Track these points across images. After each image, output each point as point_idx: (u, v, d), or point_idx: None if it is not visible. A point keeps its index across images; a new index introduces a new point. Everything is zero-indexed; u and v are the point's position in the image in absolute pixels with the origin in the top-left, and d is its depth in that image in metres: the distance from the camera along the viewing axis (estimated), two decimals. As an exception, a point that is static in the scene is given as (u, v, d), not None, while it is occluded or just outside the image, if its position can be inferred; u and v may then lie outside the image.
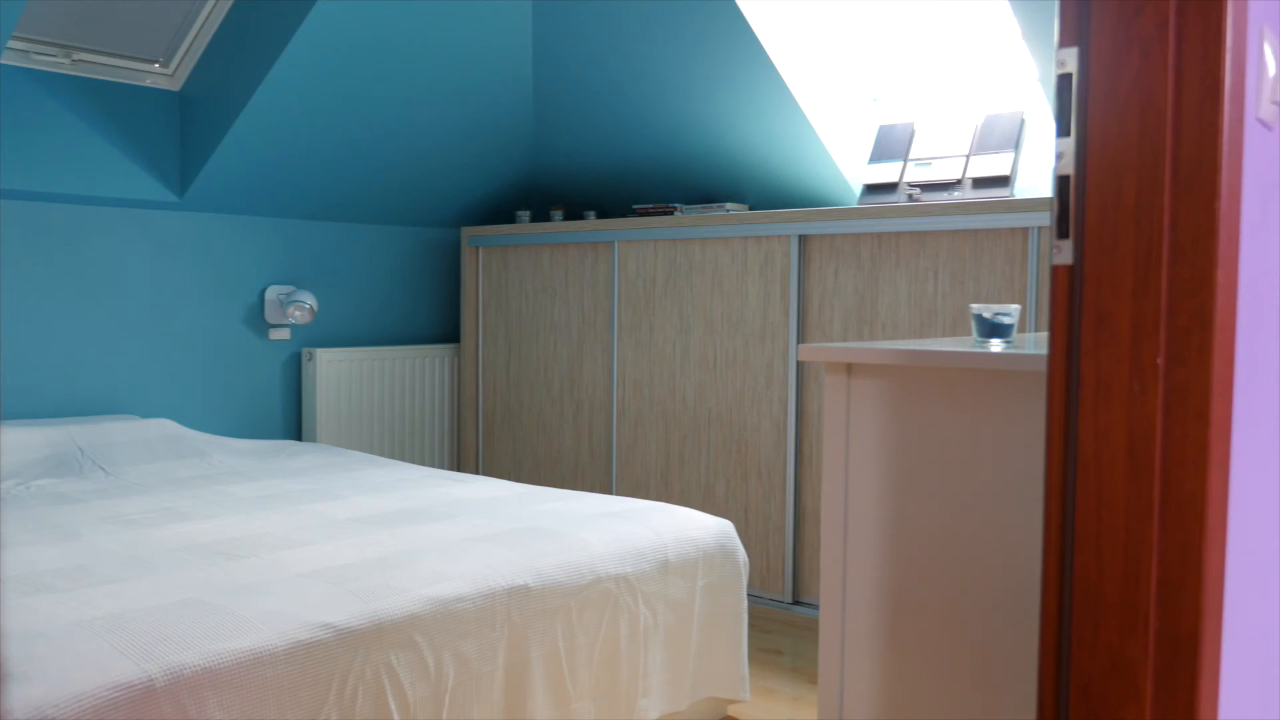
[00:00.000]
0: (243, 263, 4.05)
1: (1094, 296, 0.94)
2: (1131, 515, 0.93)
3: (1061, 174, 0.96)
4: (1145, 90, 0.91)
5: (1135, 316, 0.92)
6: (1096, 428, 0.95)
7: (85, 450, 3.26)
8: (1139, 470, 0.92)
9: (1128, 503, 0.93)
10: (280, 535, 2.44)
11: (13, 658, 1.65)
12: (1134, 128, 0.91)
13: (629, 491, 4.00)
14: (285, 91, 3.55)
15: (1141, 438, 0.92)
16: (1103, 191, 0.93)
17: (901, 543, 1.59)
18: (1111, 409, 0.94)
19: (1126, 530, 0.93)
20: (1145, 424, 0.92)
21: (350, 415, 4.25)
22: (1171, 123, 0.90)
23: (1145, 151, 0.91)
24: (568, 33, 3.87)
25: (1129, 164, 0.92)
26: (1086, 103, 0.94)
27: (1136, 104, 0.91)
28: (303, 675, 1.85)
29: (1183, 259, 0.90)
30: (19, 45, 3.34)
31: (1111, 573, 0.94)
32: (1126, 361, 0.93)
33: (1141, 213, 0.91)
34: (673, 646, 2.57)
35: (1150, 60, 0.90)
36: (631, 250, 4.00)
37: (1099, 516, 0.95)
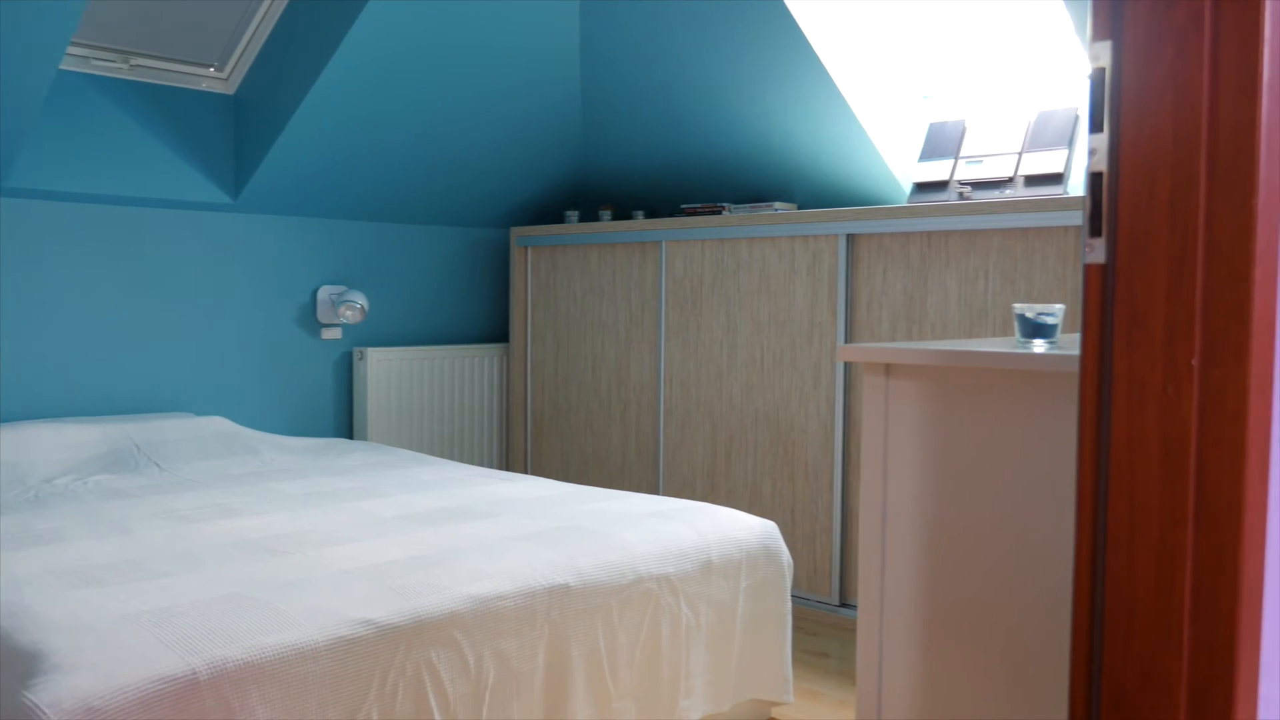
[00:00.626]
0: (295, 263, 4.11)
1: (1127, 296, 0.92)
2: (1165, 521, 0.91)
3: (1094, 170, 0.94)
4: (1180, 84, 0.88)
5: (1169, 316, 0.89)
6: (1129, 430, 0.92)
7: (141, 447, 3.33)
8: (1173, 474, 0.90)
9: (1161, 508, 0.91)
10: (325, 532, 2.47)
11: (61, 649, 1.69)
12: (1168, 122, 0.89)
13: (675, 491, 4.00)
14: (336, 94, 3.59)
15: (1176, 441, 0.90)
16: (1136, 188, 0.91)
17: (940, 543, 1.57)
18: (1145, 411, 0.91)
19: (1160, 536, 0.91)
20: (1180, 427, 0.89)
21: (400, 414, 4.29)
22: (1207, 117, 0.87)
23: (1180, 147, 0.88)
24: (615, 33, 3.88)
25: (1163, 160, 0.89)
26: (1120, 98, 0.92)
27: (1171, 98, 0.89)
28: (344, 670, 1.87)
29: (1219, 257, 0.88)
30: (79, 51, 3.42)
31: (1144, 580, 0.92)
32: (1160, 362, 0.90)
33: (1176, 210, 0.89)
34: (715, 647, 2.56)
35: (1185, 53, 0.88)
36: (679, 250, 4.00)
37: (1131, 521, 0.92)
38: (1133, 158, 0.91)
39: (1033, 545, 1.44)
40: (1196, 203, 0.88)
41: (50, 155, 3.38)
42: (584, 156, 4.53)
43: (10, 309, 3.40)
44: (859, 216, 3.48)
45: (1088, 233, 0.95)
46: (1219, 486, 0.89)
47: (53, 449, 3.19)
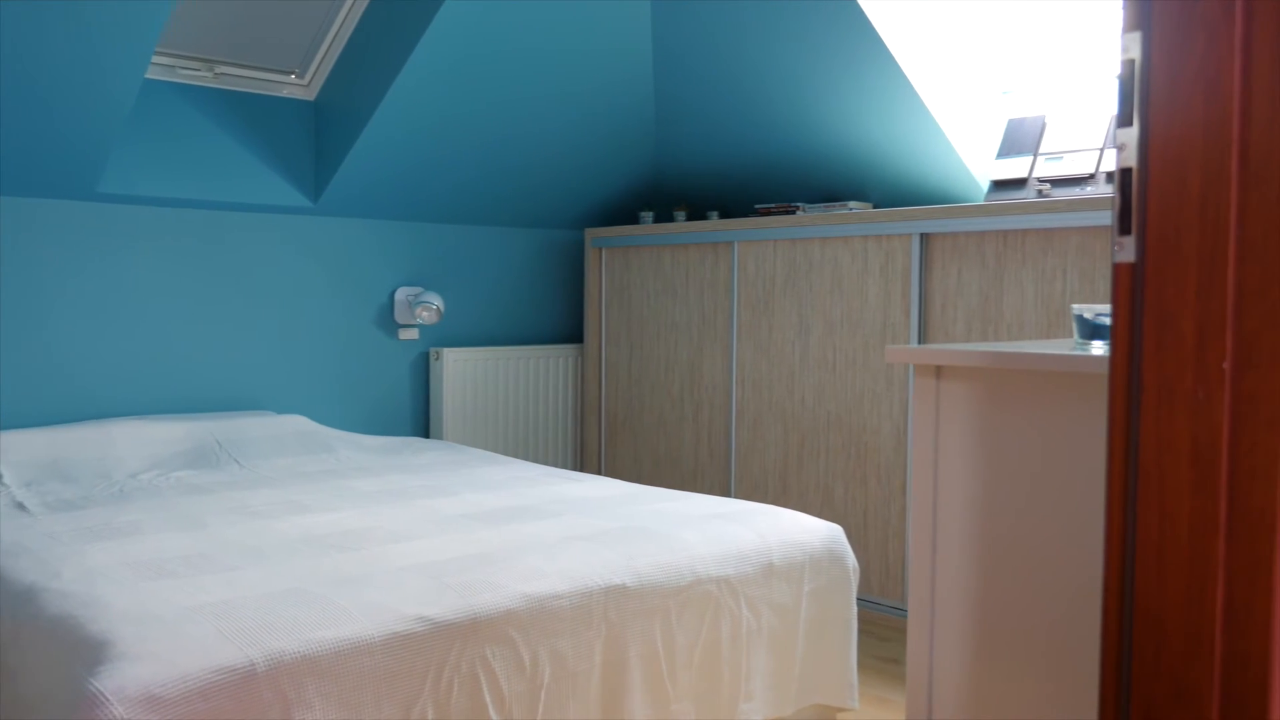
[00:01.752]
0: (374, 265, 4.19)
1: (1156, 296, 0.88)
2: (1195, 531, 0.87)
3: (1123, 166, 0.91)
4: (1211, 76, 0.85)
5: (1200, 318, 0.86)
6: (1159, 437, 0.89)
7: (222, 444, 3.43)
8: (1204, 483, 0.86)
9: (1192, 517, 0.87)
10: (391, 529, 2.52)
11: (128, 639, 1.75)
12: (1198, 116, 0.85)
13: (747, 494, 3.97)
14: (412, 98, 3.65)
15: (1206, 448, 0.86)
16: (1165, 184, 0.87)
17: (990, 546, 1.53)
18: (1175, 417, 0.88)
19: (1190, 547, 0.87)
20: (1210, 433, 0.86)
21: (476, 414, 4.35)
22: (1239, 110, 0.84)
23: (1210, 141, 0.85)
24: (687, 32, 3.87)
25: (1193, 154, 0.86)
26: (1149, 91, 0.88)
27: (1201, 90, 0.85)
28: (399, 665, 1.90)
29: (1251, 256, 0.84)
30: (165, 60, 3.54)
31: (1174, 592, 0.88)
32: (1191, 366, 0.87)
33: (1206, 207, 0.85)
34: (777, 651, 2.53)
35: (1216, 43, 0.84)
36: (751, 250, 3.97)
37: (1161, 531, 0.89)
38: (1162, 153, 0.88)
39: (1083, 548, 1.40)
40: (1228, 199, 0.84)
41: (140, 162, 3.51)
42: (658, 157, 4.53)
43: (102, 310, 3.54)
44: (933, 215, 3.42)
45: (1117, 231, 0.92)
46: (1252, 496, 0.85)
47: (140, 445, 3.30)
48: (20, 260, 3.37)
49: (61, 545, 2.33)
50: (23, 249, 3.38)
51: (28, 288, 3.39)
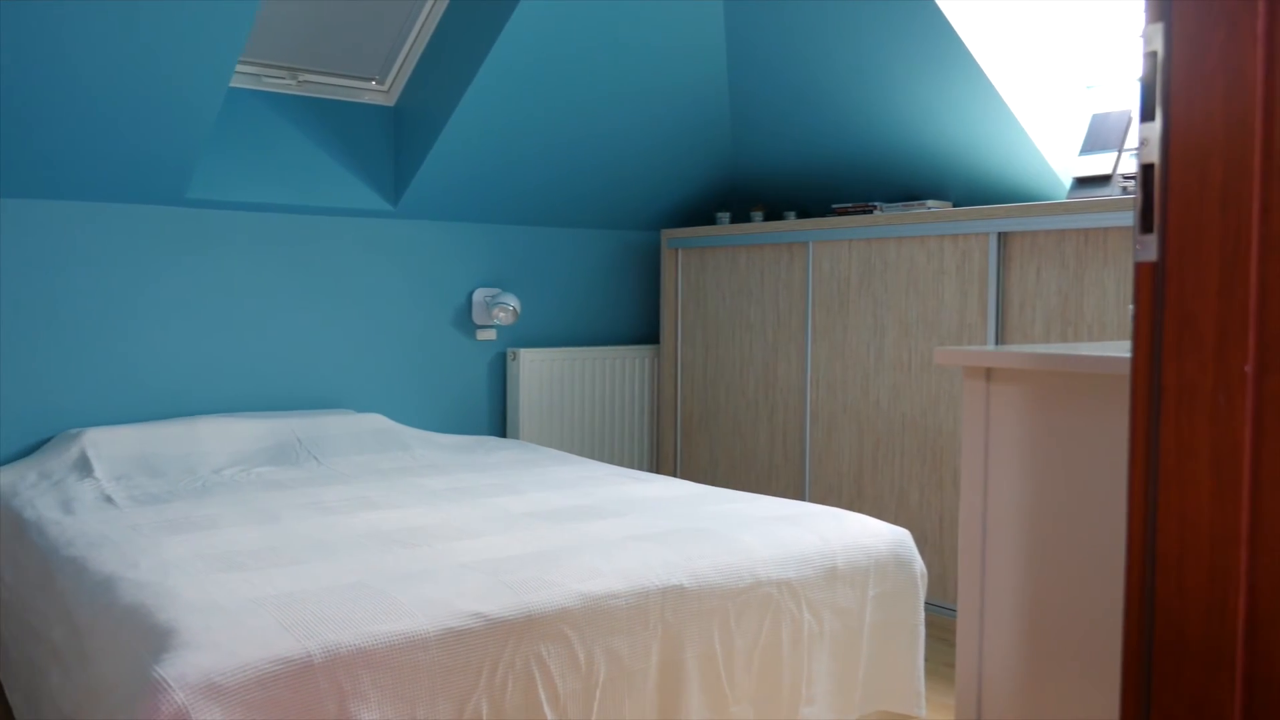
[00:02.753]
0: (452, 266, 4.26)
1: (1177, 296, 0.85)
2: (1216, 540, 0.84)
3: (1145, 162, 0.88)
4: (1232, 66, 0.81)
5: (1221, 318, 0.83)
6: (1179, 442, 0.86)
7: (303, 441, 3.53)
8: (1225, 490, 0.83)
9: (1212, 527, 0.84)
10: (456, 526, 2.55)
11: (192, 628, 1.81)
12: (1219, 108, 0.82)
13: (821, 496, 3.93)
14: (487, 101, 3.70)
15: (1228, 454, 0.83)
16: (1186, 180, 0.84)
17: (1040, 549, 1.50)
18: (1195, 421, 0.84)
19: (1211, 557, 0.84)
20: (1232, 438, 0.82)
21: (552, 414, 4.39)
22: (1262, 101, 0.80)
23: (1232, 133, 0.82)
24: (760, 30, 3.85)
25: (1214, 148, 0.83)
26: (1170, 84, 0.85)
27: (1222, 81, 0.82)
28: (453, 660, 1.92)
29: (1275, 253, 0.80)
30: (251, 69, 3.65)
31: (1194, 604, 0.85)
32: (1212, 368, 0.83)
33: (1228, 203, 0.82)
34: (840, 656, 2.50)
35: (1237, 33, 0.81)
36: (826, 250, 3.93)
37: (1181, 541, 0.86)
38: (1183, 147, 0.85)
39: (1133, 562, 1.36)
40: (1250, 194, 0.81)
41: (226, 168, 3.63)
42: (734, 157, 4.52)
43: (190, 311, 3.66)
44: (1011, 214, 3.34)
45: (1138, 229, 0.89)
46: (1274, 504, 0.81)
47: (224, 442, 3.41)
48: (114, 264, 3.52)
49: (142, 537, 2.42)
50: (116, 253, 3.52)
51: (121, 290, 3.53)
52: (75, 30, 2.83)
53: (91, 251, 3.48)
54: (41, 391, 3.41)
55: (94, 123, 3.14)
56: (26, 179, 3.28)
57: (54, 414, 3.43)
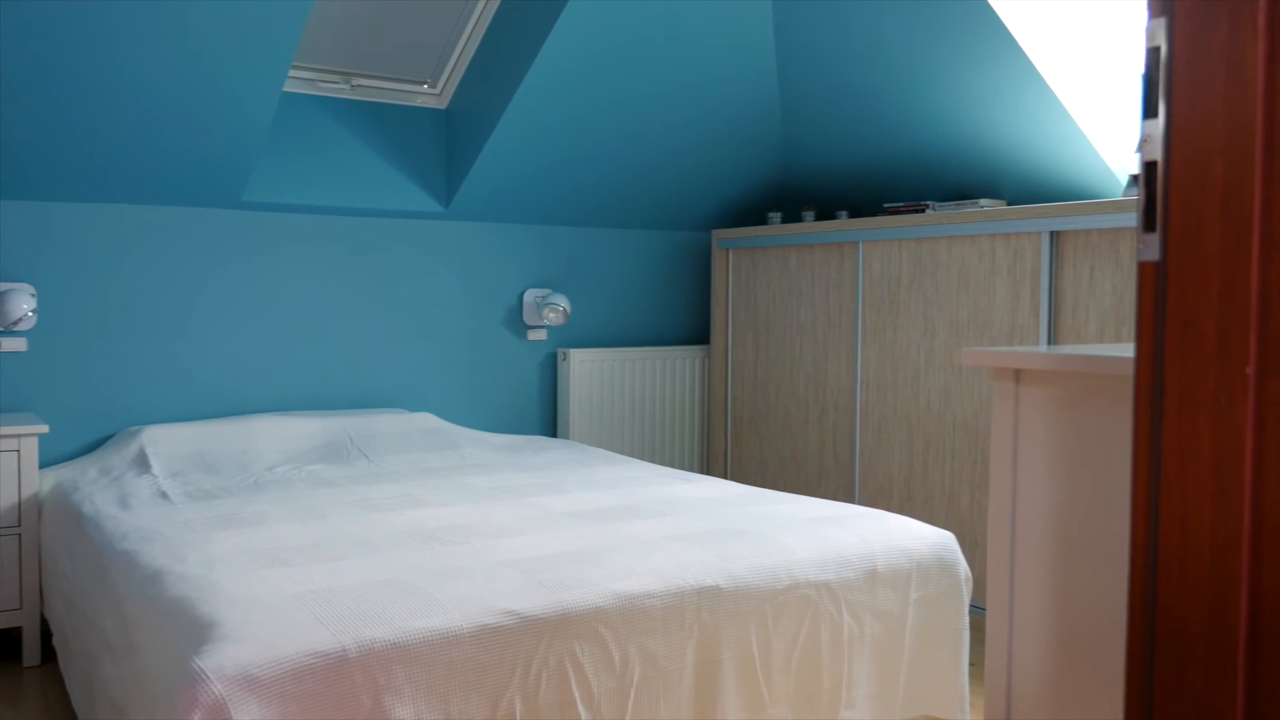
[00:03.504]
0: (503, 267, 4.30)
1: (1178, 297, 0.84)
2: (1218, 544, 0.82)
3: (1148, 160, 0.87)
4: (1233, 60, 0.80)
5: (1222, 319, 0.81)
6: (1181, 444, 0.84)
7: (354, 440, 3.59)
8: (1226, 493, 0.81)
9: (1214, 531, 0.82)
10: (497, 525, 2.58)
11: (232, 621, 1.86)
12: (1220, 103, 0.80)
13: (871, 498, 3.90)
14: (536, 102, 3.73)
15: (1229, 457, 0.81)
16: (1187, 177, 0.83)
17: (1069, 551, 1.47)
18: (1197, 423, 0.83)
19: (1212, 562, 0.82)
20: (1234, 441, 0.81)
21: (602, 414, 4.40)
22: (1263, 96, 0.78)
23: (1233, 130, 0.80)
24: (808, 27, 3.83)
25: (1215, 144, 0.81)
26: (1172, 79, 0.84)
27: (1223, 77, 0.80)
28: (487, 657, 1.94)
29: (1276, 254, 0.79)
30: (306, 74, 3.72)
31: (1196, 609, 0.83)
32: (1214, 370, 0.82)
33: (1229, 200, 0.80)
34: (881, 659, 2.48)
35: (1238, 26, 0.79)
36: (876, 250, 3.90)
37: (1183, 545, 0.84)
38: (1185, 144, 0.83)
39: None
40: (1251, 193, 0.79)
41: (282, 171, 3.70)
42: (785, 156, 4.50)
43: (246, 312, 3.75)
44: (1064, 212, 3.28)
45: (1141, 227, 0.87)
46: (1276, 509, 0.79)
47: (278, 440, 3.49)
48: (171, 265, 3.61)
49: (193, 532, 2.48)
50: (174, 255, 3.61)
51: (179, 291, 3.62)
52: (129, 39, 2.92)
53: (151, 254, 3.58)
54: (103, 390, 3.51)
55: (150, 129, 3.23)
56: (89, 184, 3.38)
57: (115, 412, 3.53)
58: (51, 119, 3.10)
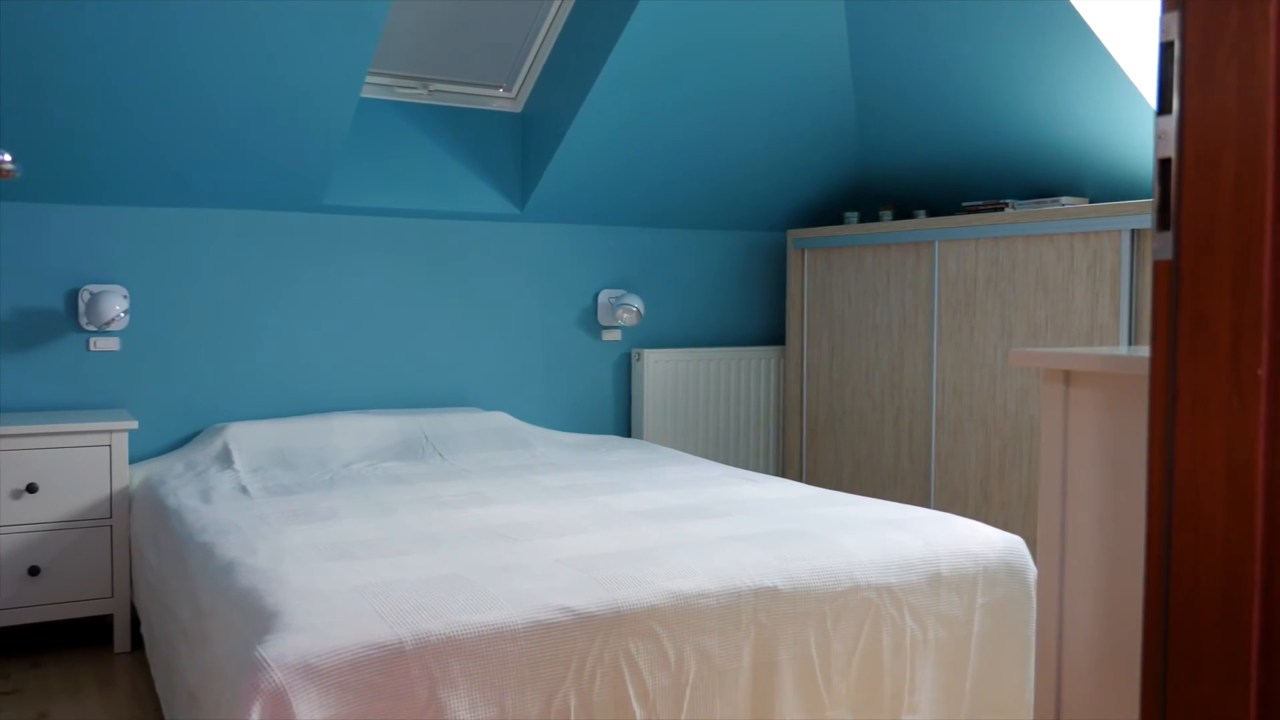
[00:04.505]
0: (578, 268, 4.34)
1: (1191, 296, 0.82)
2: (1231, 550, 0.80)
3: (1162, 157, 0.85)
4: (1245, 53, 0.78)
5: (1235, 319, 0.79)
6: (1194, 447, 0.82)
7: (429, 438, 3.66)
8: (1239, 498, 0.79)
9: (1227, 536, 0.80)
10: (560, 523, 2.61)
11: (295, 612, 1.92)
12: (1232, 98, 0.78)
13: (947, 501, 3.84)
14: (608, 103, 3.76)
15: (1241, 461, 0.79)
16: (1199, 174, 0.81)
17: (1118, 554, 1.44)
18: (1209, 426, 0.81)
19: (1225, 567, 0.80)
20: (1246, 445, 0.79)
21: (676, 414, 4.42)
22: (1275, 91, 0.76)
23: (1245, 125, 0.78)
24: (881, 23, 3.78)
25: (1227, 140, 0.79)
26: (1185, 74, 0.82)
27: (1235, 69, 0.78)
28: (541, 653, 1.97)
29: (1291, 251, 0.76)
30: (384, 80, 3.81)
31: (1209, 616, 0.81)
32: (1226, 371, 0.80)
33: (1242, 197, 0.78)
34: (945, 664, 2.45)
35: (1250, 18, 0.77)
36: (952, 250, 3.83)
37: (1196, 550, 0.82)
38: (1197, 140, 0.81)
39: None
40: (1264, 189, 0.77)
41: (361, 175, 3.80)
42: (862, 154, 4.45)
43: (326, 313, 3.85)
44: (1144, 210, 3.19)
45: (1155, 226, 0.85)
46: (1291, 515, 0.77)
47: (355, 437, 3.58)
48: (255, 267, 3.73)
49: (267, 526, 2.56)
50: (257, 257, 3.74)
51: (262, 292, 3.75)
52: (210, 51, 3.02)
53: (236, 256, 3.71)
54: (191, 388, 3.65)
55: (233, 137, 3.35)
56: (177, 190, 3.52)
57: (202, 409, 3.66)
58: (140, 128, 3.23)
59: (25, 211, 3.42)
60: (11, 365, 3.42)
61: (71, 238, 3.48)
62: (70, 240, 3.47)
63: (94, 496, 3.14)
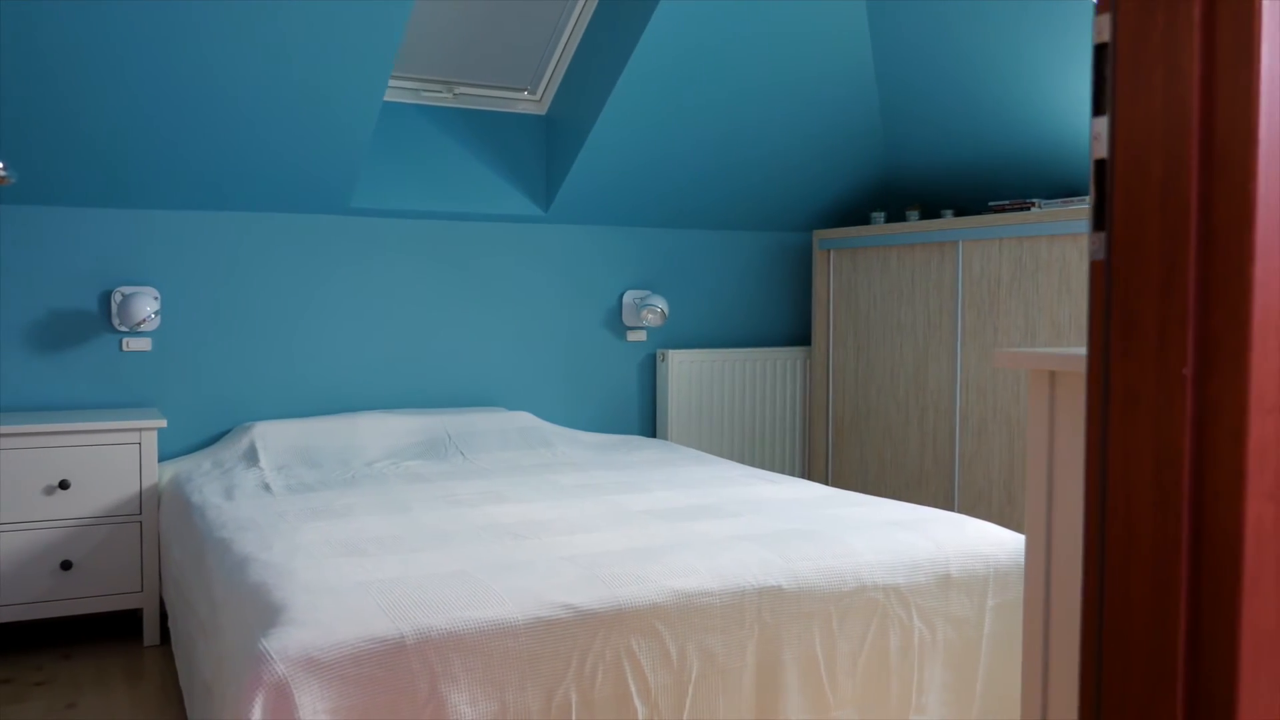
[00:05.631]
0: (603, 269, 4.37)
1: (1122, 295, 0.82)
2: (1159, 551, 0.80)
3: (1097, 158, 0.85)
4: (1170, 55, 0.78)
5: (1162, 319, 0.79)
6: (1125, 447, 0.82)
7: (452, 437, 3.70)
8: (1166, 498, 0.80)
9: (1155, 539, 0.81)
10: (571, 521, 2.64)
11: (301, 606, 1.96)
12: (1159, 100, 0.79)
13: (970, 503, 3.82)
14: (632, 104, 3.78)
15: (1169, 462, 0.79)
16: (1129, 175, 0.81)
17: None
18: (1139, 426, 0.81)
19: (1154, 568, 0.81)
20: (1172, 446, 0.79)
21: (702, 415, 4.43)
22: (1199, 92, 0.77)
23: (1171, 125, 0.78)
24: (903, 23, 3.76)
25: (1154, 141, 0.79)
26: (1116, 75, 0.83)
27: (1162, 72, 0.79)
28: (542, 649, 2.00)
29: (1215, 250, 0.76)
30: (410, 84, 3.87)
31: (1139, 617, 0.82)
32: (1154, 371, 0.80)
33: (1168, 197, 0.79)
34: (955, 666, 2.44)
35: (1176, 19, 0.78)
36: (976, 250, 3.81)
37: (1128, 550, 0.83)
38: (1128, 141, 0.81)
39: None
40: (1188, 190, 0.77)
41: (388, 178, 3.86)
42: (888, 155, 4.43)
43: (353, 313, 3.91)
44: (1167, 209, 3.14)
45: (1091, 226, 0.86)
46: (1216, 514, 0.77)
47: (380, 436, 3.63)
48: (283, 269, 3.80)
49: (285, 522, 2.61)
50: (284, 259, 3.80)
51: (291, 294, 3.81)
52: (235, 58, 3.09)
53: (264, 259, 3.78)
54: (221, 387, 3.72)
55: (258, 141, 3.41)
56: (206, 194, 3.59)
57: (232, 408, 3.74)
58: (167, 134, 3.30)
59: (59, 215, 3.51)
60: (47, 365, 3.51)
61: (104, 241, 3.56)
62: (103, 243, 3.56)
63: (124, 493, 3.22)
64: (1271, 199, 0.75)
